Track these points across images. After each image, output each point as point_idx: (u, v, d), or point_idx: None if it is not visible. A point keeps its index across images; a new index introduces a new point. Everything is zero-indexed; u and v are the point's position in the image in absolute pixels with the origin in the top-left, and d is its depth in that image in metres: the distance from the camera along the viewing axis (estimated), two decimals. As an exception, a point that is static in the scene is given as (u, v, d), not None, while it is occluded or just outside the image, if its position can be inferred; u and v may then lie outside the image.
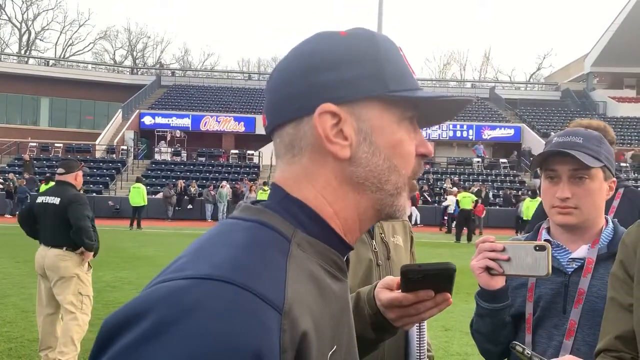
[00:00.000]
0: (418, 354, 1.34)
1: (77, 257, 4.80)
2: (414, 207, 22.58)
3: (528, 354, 1.12)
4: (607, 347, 1.20)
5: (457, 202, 18.99)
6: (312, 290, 0.66)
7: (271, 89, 0.77)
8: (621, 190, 2.69)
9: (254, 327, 0.56)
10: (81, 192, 5.45)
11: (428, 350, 1.43)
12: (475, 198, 19.60)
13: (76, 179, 4.95)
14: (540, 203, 1.76)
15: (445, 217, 21.73)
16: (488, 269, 1.40)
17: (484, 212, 21.14)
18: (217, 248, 0.65)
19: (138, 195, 19.32)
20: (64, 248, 4.75)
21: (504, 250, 1.37)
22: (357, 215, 0.75)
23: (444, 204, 21.98)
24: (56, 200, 4.76)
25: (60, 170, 4.93)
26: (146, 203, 19.82)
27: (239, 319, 0.56)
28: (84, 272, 4.85)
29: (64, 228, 4.74)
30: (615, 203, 2.64)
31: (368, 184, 0.74)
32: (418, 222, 22.65)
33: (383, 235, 1.58)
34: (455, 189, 23.17)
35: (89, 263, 4.91)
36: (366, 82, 0.72)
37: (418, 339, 1.33)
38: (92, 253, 4.89)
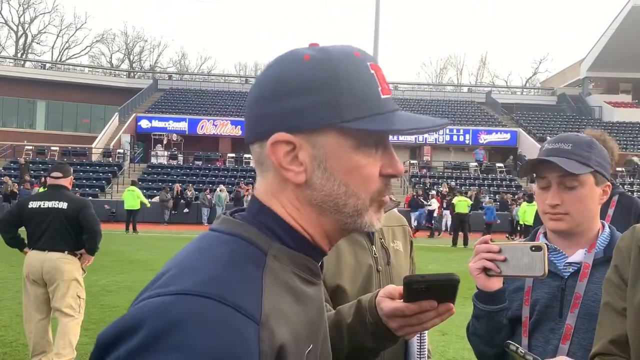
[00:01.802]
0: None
1: (77, 261, 4.82)
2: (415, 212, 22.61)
3: (522, 352, 1.12)
4: (601, 350, 1.21)
5: (453, 205, 19.00)
6: (288, 299, 0.72)
7: (246, 106, 0.82)
8: (615, 198, 2.69)
9: (234, 337, 0.62)
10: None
11: (428, 357, 1.43)
12: (471, 202, 19.61)
13: (70, 183, 4.96)
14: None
15: (433, 222, 21.78)
16: (485, 270, 1.41)
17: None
18: (199, 263, 0.70)
19: (132, 198, 19.24)
20: (66, 252, 4.74)
21: (500, 251, 1.38)
22: (324, 232, 0.80)
23: (428, 208, 21.96)
24: (63, 205, 4.70)
25: (57, 174, 4.87)
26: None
27: (220, 330, 0.62)
28: (81, 276, 4.87)
29: (69, 232, 4.72)
30: (611, 211, 2.64)
31: (326, 207, 0.78)
32: (413, 226, 22.69)
33: (383, 240, 1.57)
34: (435, 192, 23.36)
35: (83, 267, 4.91)
36: (320, 112, 0.75)
37: (419, 347, 1.33)
38: (92, 257, 4.91)
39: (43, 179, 19.65)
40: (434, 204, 21.81)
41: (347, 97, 0.75)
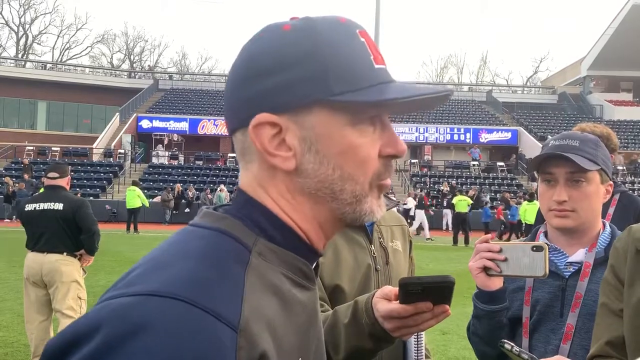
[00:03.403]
0: (416, 361, 1.33)
1: (77, 262, 4.80)
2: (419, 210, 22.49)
3: (516, 351, 1.12)
4: (598, 352, 1.20)
5: (453, 205, 19.00)
6: (273, 303, 0.63)
7: (224, 93, 0.73)
8: (617, 197, 2.68)
9: (205, 345, 0.53)
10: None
11: (426, 357, 1.42)
12: (471, 202, 19.55)
13: (67, 183, 4.92)
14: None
15: (408, 220, 21.49)
16: (486, 270, 1.40)
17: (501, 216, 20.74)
18: (173, 260, 0.61)
19: (132, 197, 19.28)
20: (64, 253, 4.72)
21: (501, 250, 1.37)
22: (318, 225, 0.71)
23: (404, 206, 21.43)
24: (59, 206, 4.67)
25: (53, 174, 4.82)
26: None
27: (188, 337, 0.53)
28: (81, 277, 4.87)
29: (67, 233, 4.70)
30: (611, 210, 2.63)
31: (321, 195, 0.69)
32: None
33: (382, 240, 1.57)
34: (421, 191, 23.15)
35: (83, 268, 4.91)
36: (305, 86, 0.66)
37: (416, 347, 1.33)
38: (93, 257, 4.90)
39: (43, 179, 19.64)
40: (410, 203, 21.22)
41: (334, 69, 0.66)
